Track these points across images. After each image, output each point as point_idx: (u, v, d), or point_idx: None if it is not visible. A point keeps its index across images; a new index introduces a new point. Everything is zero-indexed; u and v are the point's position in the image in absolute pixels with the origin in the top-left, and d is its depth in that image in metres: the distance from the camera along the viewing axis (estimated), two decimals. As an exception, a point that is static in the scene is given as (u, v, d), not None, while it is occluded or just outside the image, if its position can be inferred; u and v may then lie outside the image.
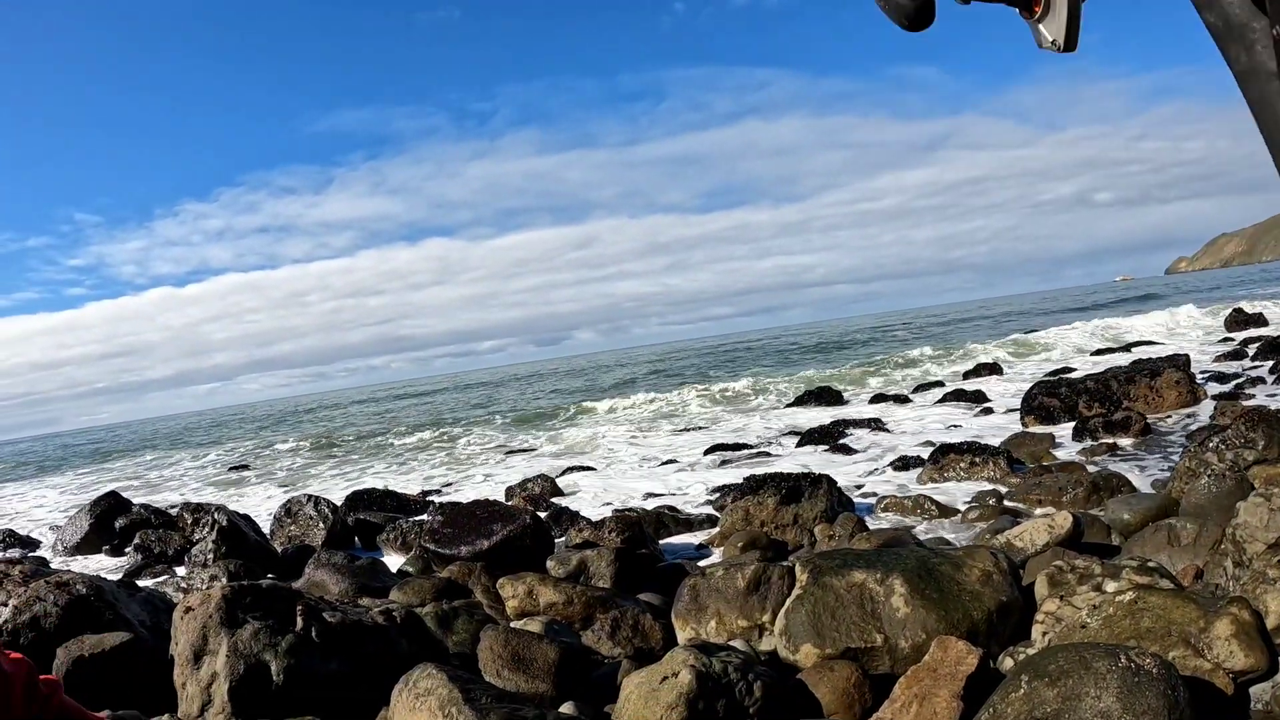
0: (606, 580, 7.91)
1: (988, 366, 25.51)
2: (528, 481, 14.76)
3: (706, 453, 16.66)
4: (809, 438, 16.22)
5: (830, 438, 15.93)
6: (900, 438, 15.59)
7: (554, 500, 13.21)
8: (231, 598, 5.42)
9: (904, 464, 12.42)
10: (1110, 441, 12.08)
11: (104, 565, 12.66)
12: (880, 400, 21.77)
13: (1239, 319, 29.43)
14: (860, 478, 12.32)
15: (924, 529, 9.19)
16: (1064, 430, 13.41)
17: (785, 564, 6.04)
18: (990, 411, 17.54)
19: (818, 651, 5.14)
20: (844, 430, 16.72)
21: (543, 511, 11.09)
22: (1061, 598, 4.90)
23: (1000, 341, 35.04)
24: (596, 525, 9.68)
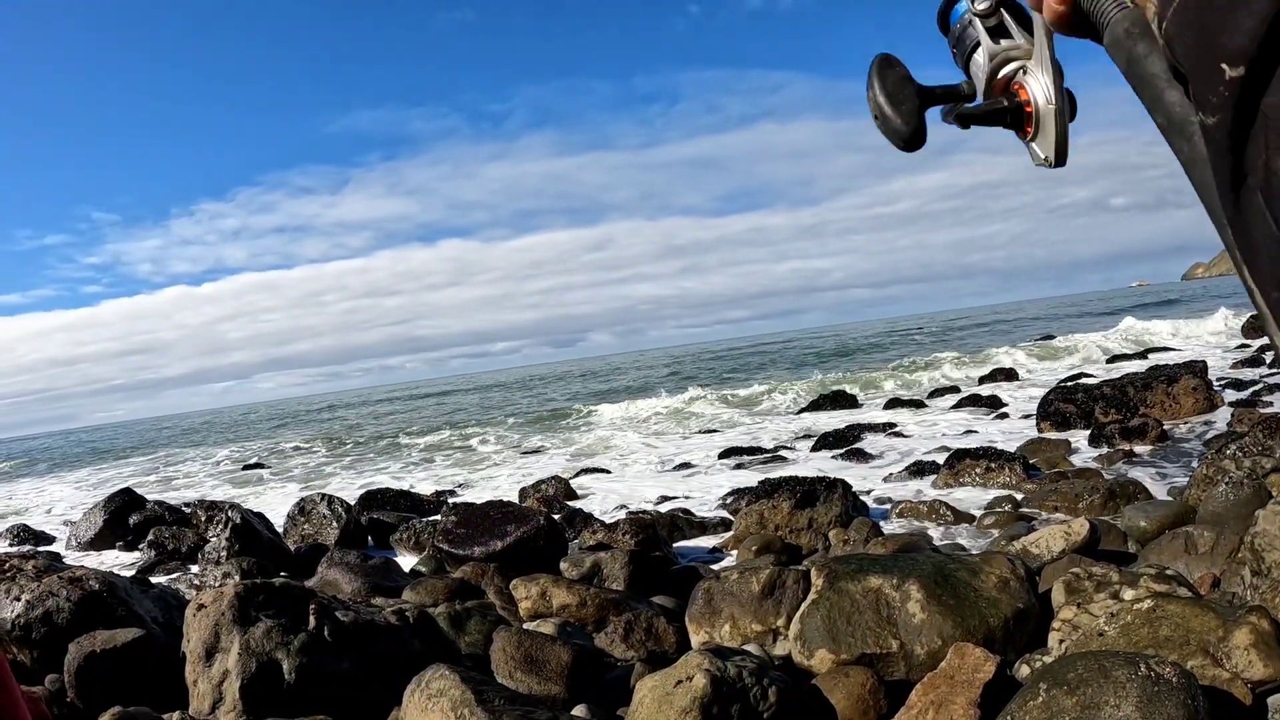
0: (620, 582, 7.89)
1: (1004, 371, 25.41)
2: (541, 483, 14.73)
3: (721, 456, 16.63)
4: (824, 442, 16.17)
5: (845, 442, 15.88)
6: (915, 442, 15.52)
7: (568, 502, 13.20)
8: (244, 596, 5.42)
9: (919, 469, 12.37)
10: (1127, 448, 12.01)
11: (118, 561, 12.70)
12: (895, 405, 21.68)
13: (1256, 325, 29.20)
14: (875, 482, 12.27)
15: (939, 534, 9.14)
16: (1080, 436, 13.34)
17: (800, 568, 6.02)
18: (1006, 417, 17.47)
19: (833, 657, 5.11)
20: (859, 434, 16.67)
21: (556, 513, 11.07)
22: (1079, 605, 4.86)
23: (1018, 346, 34.84)
24: (610, 527, 9.66)
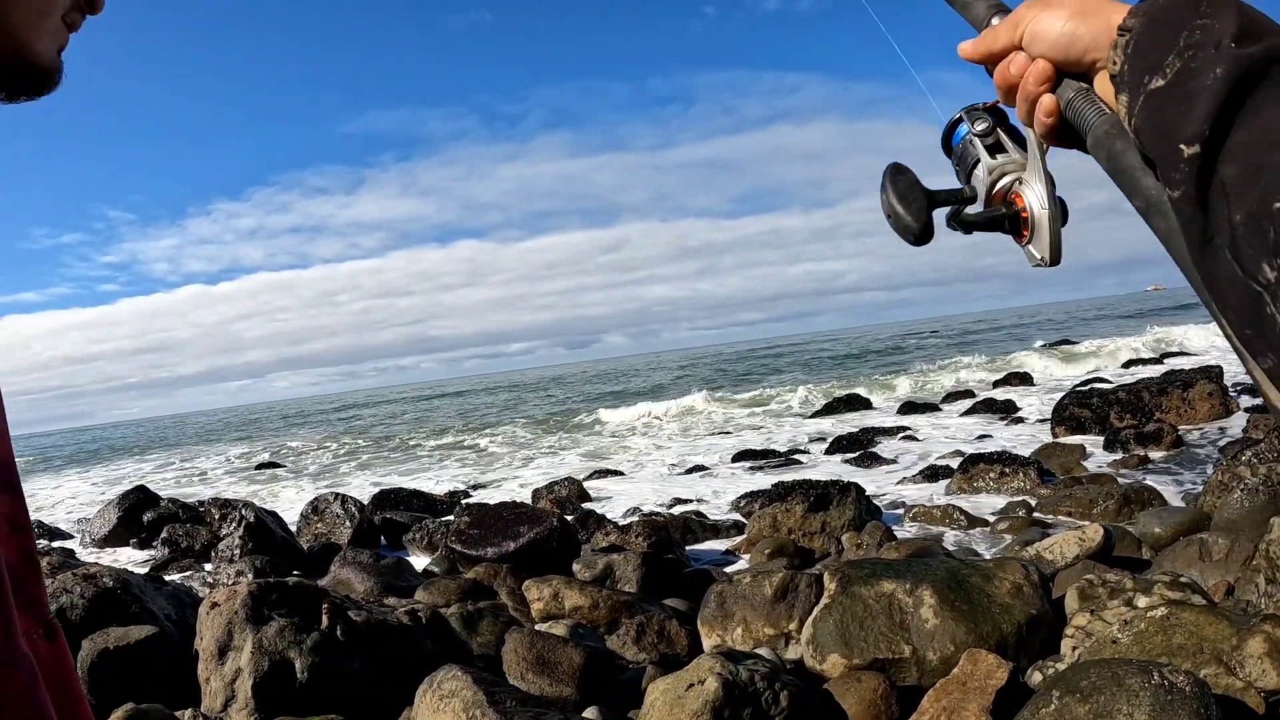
0: (633, 585, 7.89)
1: (1018, 376, 25.31)
2: (555, 484, 14.73)
3: (734, 459, 16.62)
4: (837, 445, 16.13)
5: (859, 445, 15.84)
6: (929, 446, 15.47)
7: (581, 503, 13.20)
8: (257, 594, 5.44)
9: (933, 473, 12.33)
10: (1141, 453, 11.95)
11: (131, 558, 12.75)
12: (909, 408, 21.64)
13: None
14: (889, 486, 12.24)
15: (952, 539, 9.11)
16: (1095, 441, 13.28)
17: (813, 572, 6.01)
18: (1021, 421, 17.40)
19: (845, 661, 5.10)
20: (873, 438, 16.63)
21: (569, 515, 11.07)
22: (1092, 612, 4.84)
23: (1046, 350, 34.66)
24: (623, 529, 9.66)
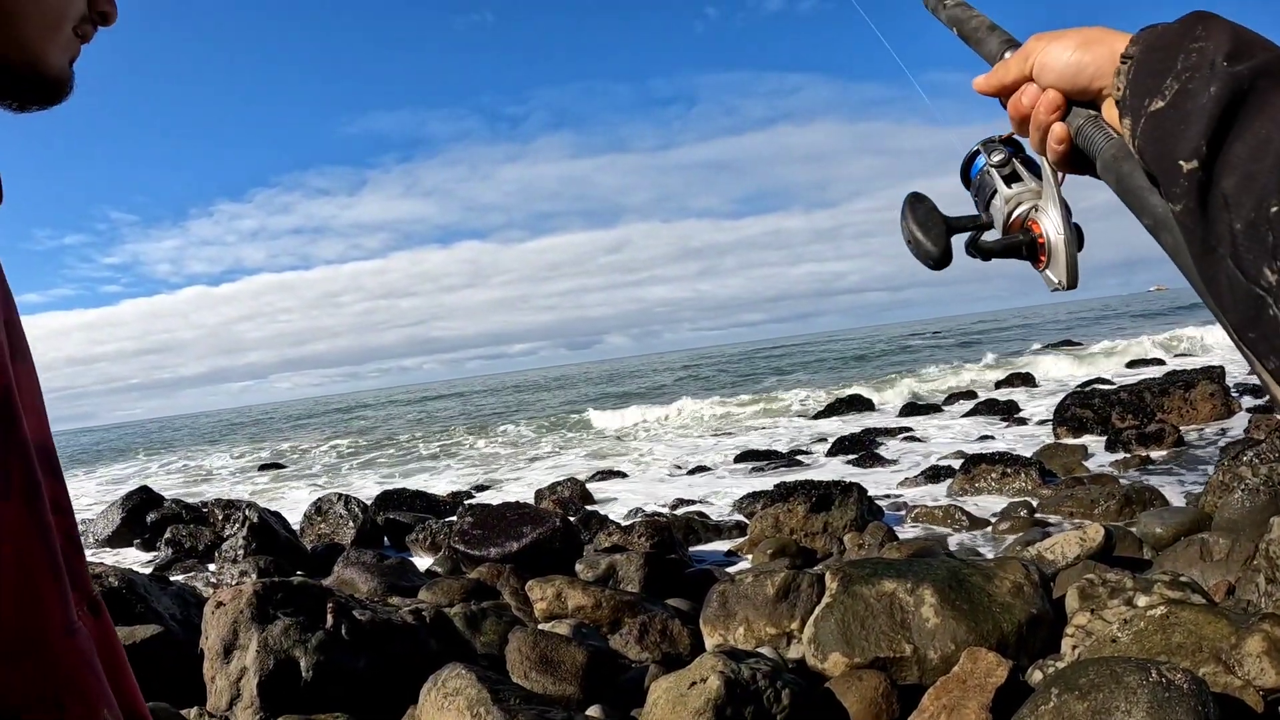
0: (635, 585, 7.92)
1: (1020, 376, 25.30)
2: (557, 485, 14.76)
3: (737, 460, 16.65)
4: (839, 446, 16.16)
5: (861, 446, 15.87)
6: (931, 447, 15.51)
7: (583, 504, 13.23)
8: (263, 594, 5.47)
9: (935, 474, 12.36)
10: (1143, 454, 11.97)
11: (135, 559, 12.79)
12: (911, 409, 21.66)
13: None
14: (891, 487, 12.27)
15: (954, 539, 9.14)
16: (1096, 442, 13.30)
17: (815, 572, 6.04)
18: (1023, 422, 17.43)
19: (846, 660, 5.13)
20: (875, 439, 16.67)
21: (572, 515, 11.10)
22: (1092, 611, 4.87)
23: (1036, 350, 34.66)
24: (626, 530, 9.69)
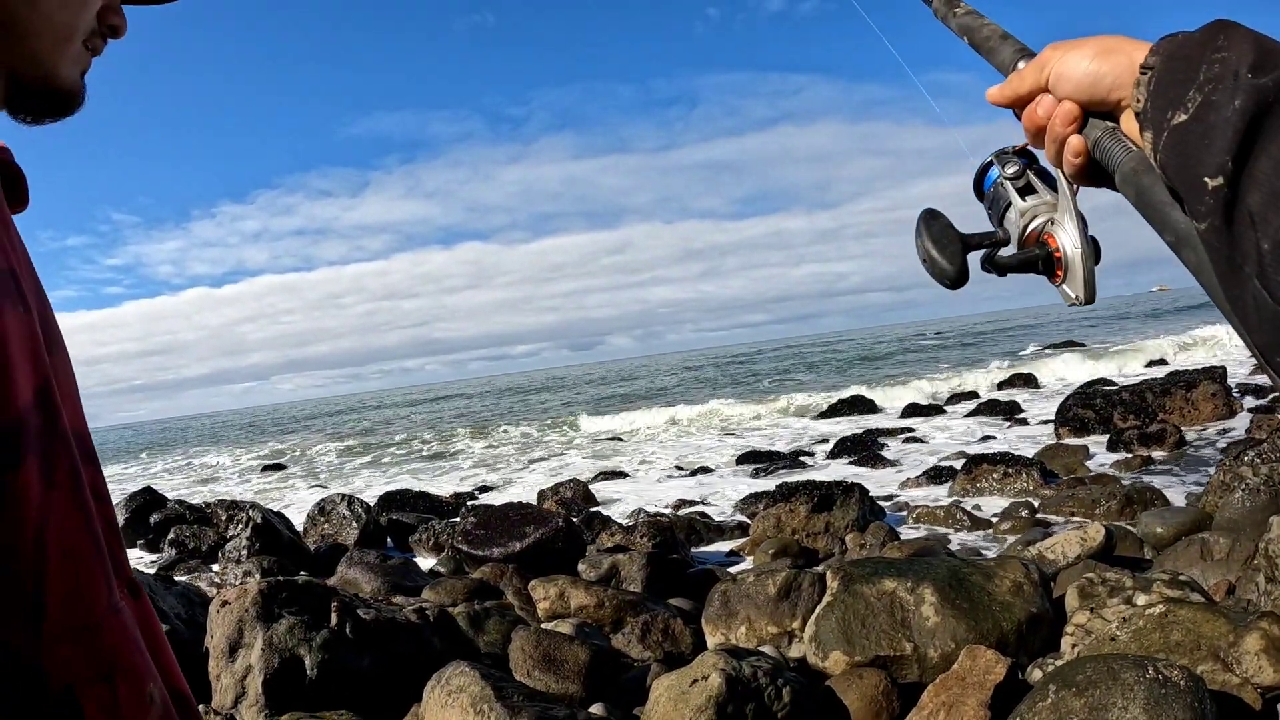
0: (637, 584, 7.95)
1: (1022, 377, 25.31)
2: (560, 485, 14.78)
3: (739, 460, 16.67)
4: (841, 447, 16.17)
5: (863, 447, 15.88)
6: (933, 448, 15.53)
7: (586, 505, 13.26)
8: (268, 593, 5.51)
9: (936, 474, 12.38)
10: (1144, 454, 11.99)
11: (139, 560, 12.83)
12: (913, 410, 21.67)
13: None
14: (892, 487, 12.29)
15: (956, 539, 9.17)
16: (1098, 442, 13.32)
17: (816, 571, 6.07)
18: (1025, 423, 17.44)
19: (847, 659, 5.16)
20: (877, 440, 16.69)
21: (575, 515, 11.13)
22: (1092, 610, 4.90)
23: (1041, 351, 34.65)
24: (628, 530, 9.73)
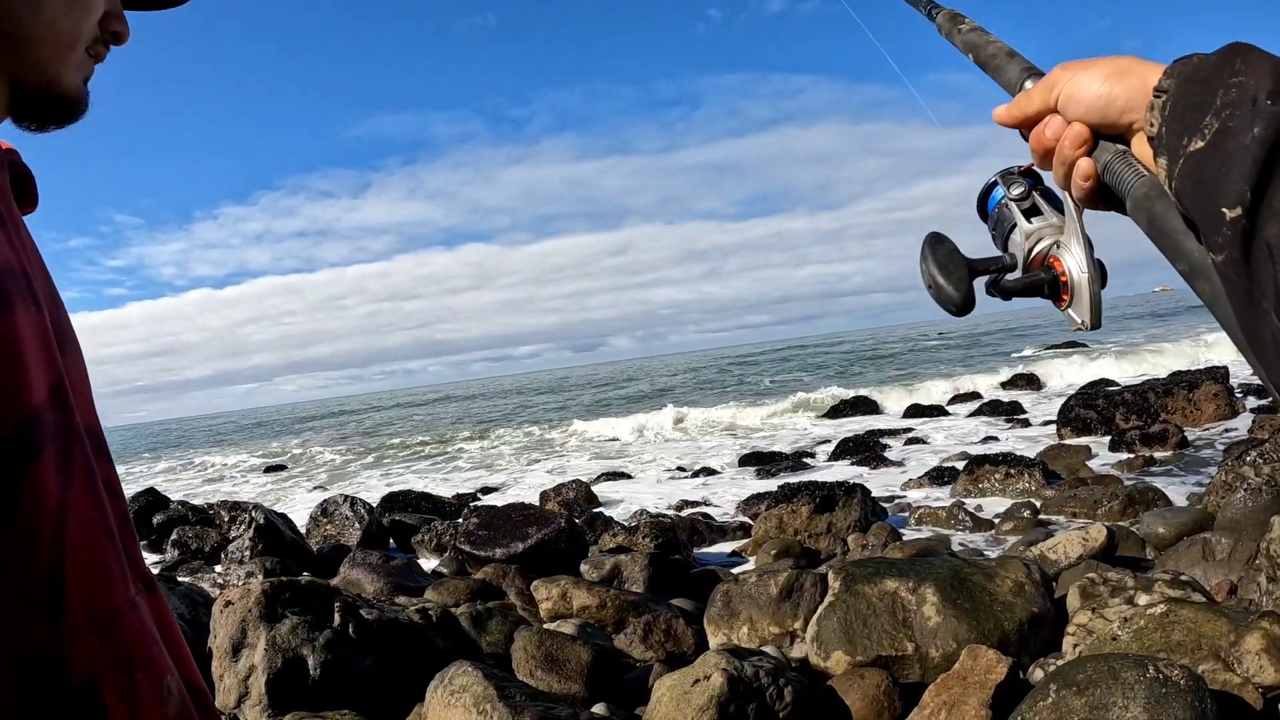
0: (640, 585, 7.96)
1: (1025, 378, 25.29)
2: (562, 486, 14.79)
3: (741, 462, 16.68)
4: (844, 448, 16.18)
5: (865, 448, 15.89)
6: (935, 448, 15.54)
7: (588, 506, 13.27)
8: (271, 593, 5.52)
9: (939, 475, 12.38)
10: (1147, 454, 11.99)
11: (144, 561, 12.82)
12: (916, 411, 21.66)
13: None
14: (894, 488, 12.30)
15: (958, 540, 9.17)
16: (1100, 442, 13.33)
17: (818, 571, 6.08)
18: (1027, 423, 17.45)
19: (848, 658, 5.17)
20: (879, 440, 16.70)
21: (577, 516, 11.14)
22: (1093, 610, 4.91)
23: (1044, 352, 34.63)
24: (630, 530, 9.74)
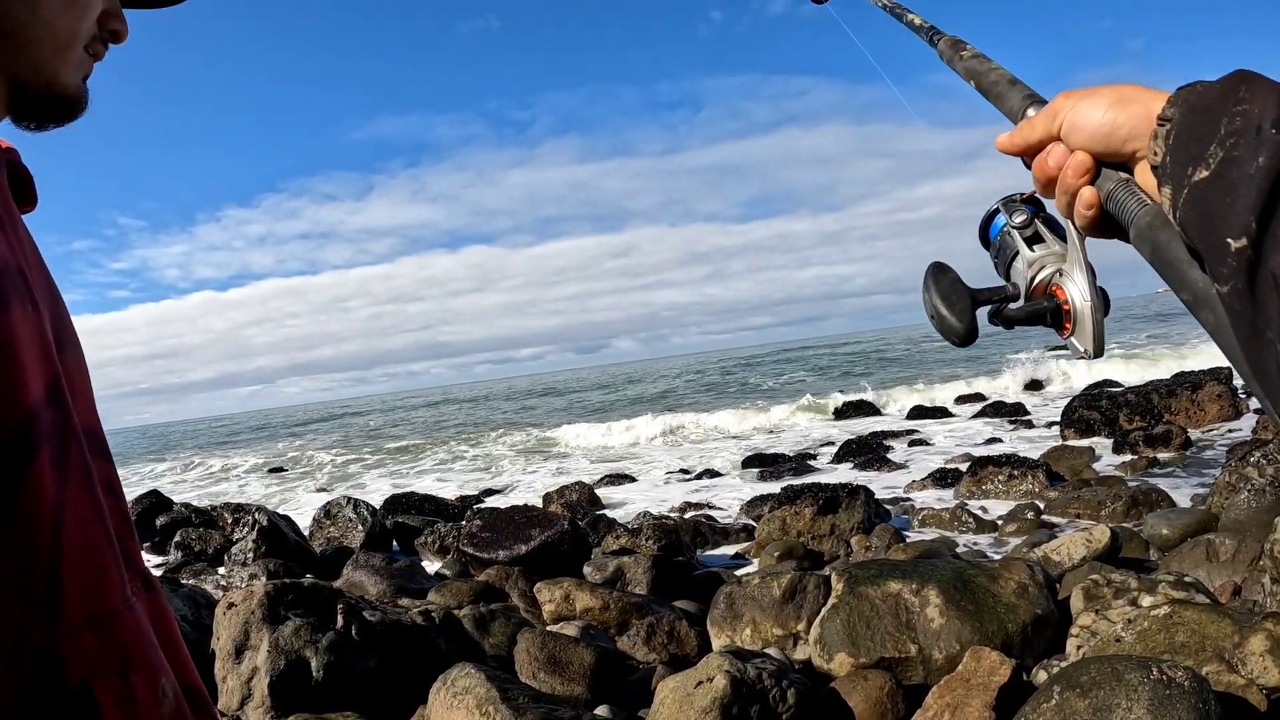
0: (643, 587, 7.95)
1: (1028, 379, 25.26)
2: (566, 489, 14.77)
3: (744, 464, 16.67)
4: (847, 449, 16.17)
5: (868, 450, 15.87)
6: (939, 450, 15.53)
7: (592, 508, 13.26)
8: (274, 595, 5.52)
9: (942, 477, 12.37)
10: (1150, 455, 11.98)
11: (145, 562, 12.82)
12: (919, 412, 21.66)
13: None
14: (898, 490, 12.29)
15: (961, 541, 9.16)
16: (1104, 444, 13.31)
17: (821, 573, 6.07)
18: (1030, 425, 17.44)
19: (851, 660, 5.17)
20: (882, 442, 16.69)
21: (580, 518, 11.13)
22: (1097, 611, 4.90)
23: (1047, 354, 34.57)
24: (633, 532, 9.74)
